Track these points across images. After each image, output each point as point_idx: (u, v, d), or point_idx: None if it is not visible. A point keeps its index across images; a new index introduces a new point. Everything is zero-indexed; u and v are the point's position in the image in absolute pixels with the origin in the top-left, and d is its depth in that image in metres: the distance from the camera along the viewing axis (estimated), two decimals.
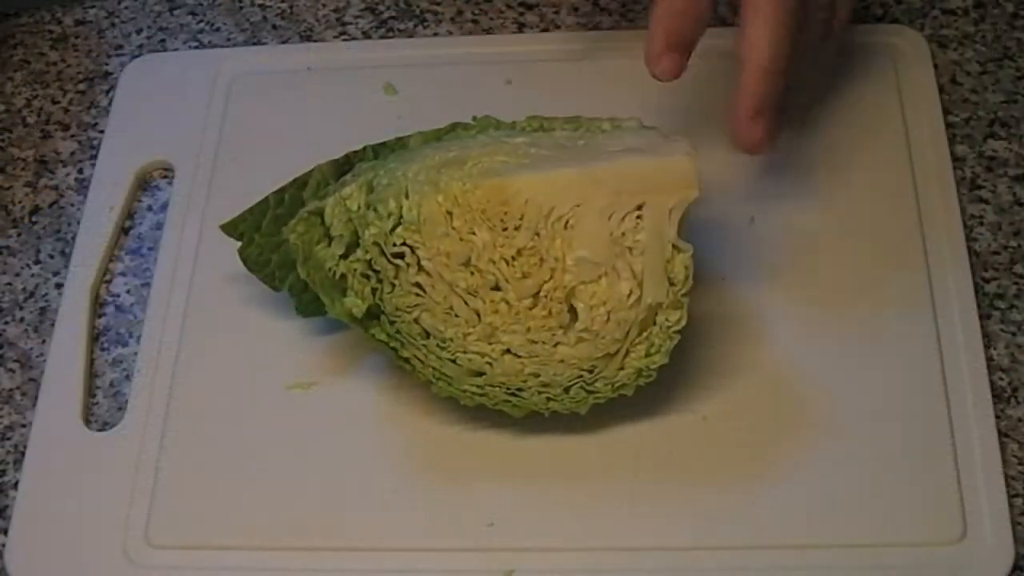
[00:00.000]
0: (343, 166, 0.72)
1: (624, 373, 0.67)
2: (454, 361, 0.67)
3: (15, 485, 0.72)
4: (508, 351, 0.67)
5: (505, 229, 0.67)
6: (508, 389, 0.67)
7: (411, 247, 0.67)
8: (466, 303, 0.67)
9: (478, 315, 0.67)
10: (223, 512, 0.70)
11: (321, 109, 0.83)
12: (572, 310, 0.67)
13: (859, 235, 0.76)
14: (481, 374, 0.67)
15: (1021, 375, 0.72)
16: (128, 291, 0.79)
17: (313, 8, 0.90)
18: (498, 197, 0.67)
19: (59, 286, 0.79)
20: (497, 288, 0.67)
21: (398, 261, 0.67)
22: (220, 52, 0.88)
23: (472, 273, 0.67)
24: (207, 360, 0.75)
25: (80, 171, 0.84)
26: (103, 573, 0.69)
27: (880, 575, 0.66)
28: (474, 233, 0.67)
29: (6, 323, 0.78)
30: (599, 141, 0.68)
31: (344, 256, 0.68)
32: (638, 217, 0.66)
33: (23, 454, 0.73)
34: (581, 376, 0.67)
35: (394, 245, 0.67)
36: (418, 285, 0.67)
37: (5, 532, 0.71)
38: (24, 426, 0.74)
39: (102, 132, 0.85)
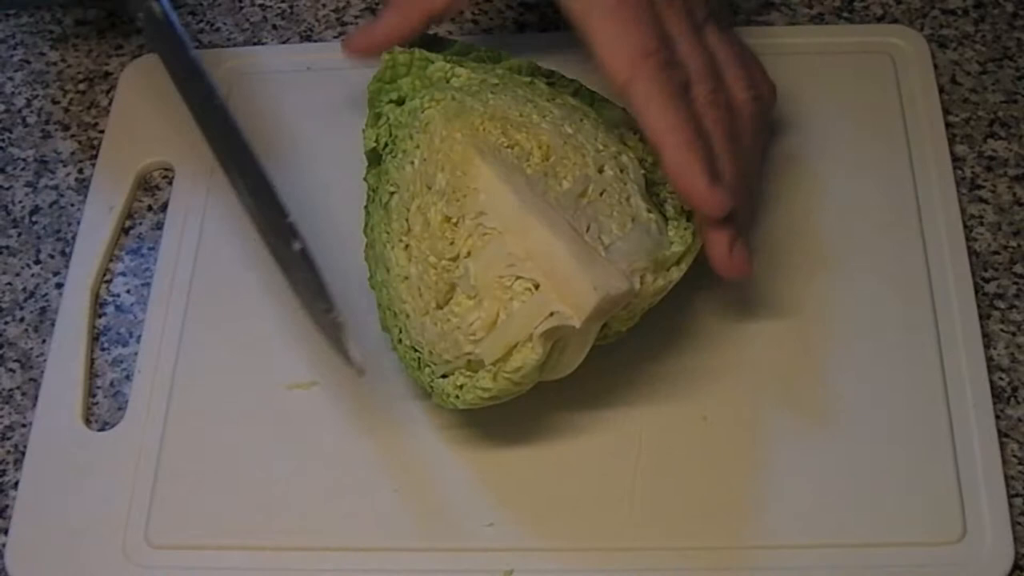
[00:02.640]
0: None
1: (441, 382, 0.67)
2: (384, 245, 0.69)
3: (15, 485, 0.72)
4: (406, 278, 0.68)
5: (454, 192, 0.67)
6: (392, 308, 0.69)
7: (416, 140, 0.70)
8: (414, 213, 0.68)
9: (409, 229, 0.68)
10: (223, 512, 0.70)
11: (321, 109, 0.83)
12: (448, 299, 0.67)
13: (859, 235, 0.76)
14: (388, 271, 0.69)
15: (1021, 375, 0.72)
16: (128, 291, 0.79)
17: (313, 8, 0.90)
18: (464, 165, 0.68)
19: (59, 286, 0.79)
20: (428, 224, 0.68)
21: (407, 142, 0.71)
22: (220, 52, 0.88)
23: (425, 197, 0.68)
24: (207, 360, 0.75)
25: (80, 171, 0.84)
26: (103, 573, 0.69)
27: (880, 575, 0.66)
28: (440, 172, 0.68)
29: (6, 323, 0.79)
30: (612, 194, 0.67)
31: (398, 102, 0.73)
32: (527, 289, 0.65)
33: (23, 454, 0.73)
34: (420, 355, 0.68)
35: (410, 126, 0.71)
36: (404, 169, 0.70)
37: (5, 532, 0.71)
38: (24, 426, 0.74)
39: (102, 132, 0.85)
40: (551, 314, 0.64)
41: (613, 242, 0.65)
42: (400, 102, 0.73)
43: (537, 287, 0.64)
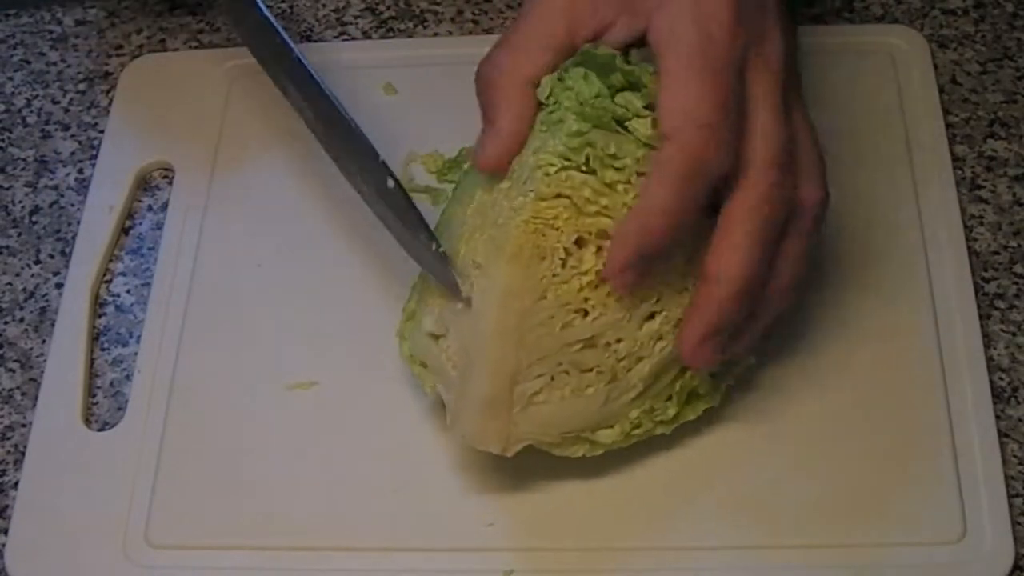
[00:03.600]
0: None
1: (410, 318, 0.70)
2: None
3: (15, 485, 0.72)
4: (469, 210, 0.67)
5: (488, 244, 0.65)
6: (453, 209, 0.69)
7: (538, 149, 0.64)
8: (500, 199, 0.65)
9: (490, 190, 0.66)
10: (223, 512, 0.70)
11: None
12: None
13: (859, 235, 0.76)
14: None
15: (1021, 375, 0.72)
16: (128, 291, 0.79)
17: (313, 8, 0.90)
18: (499, 248, 0.64)
19: (59, 286, 0.79)
20: (484, 224, 0.66)
21: (543, 139, 0.64)
22: (220, 52, 0.88)
23: (493, 210, 0.66)
24: (207, 360, 0.75)
25: (80, 171, 0.84)
26: (103, 573, 0.69)
27: (880, 575, 0.66)
28: (501, 216, 0.65)
29: (6, 323, 0.79)
30: (618, 353, 0.64)
31: (576, 97, 0.63)
32: (453, 367, 0.66)
33: (23, 454, 0.73)
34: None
35: (546, 138, 0.64)
36: (530, 153, 0.64)
37: (5, 532, 0.71)
38: (24, 426, 0.74)
39: (102, 132, 0.85)
40: (446, 404, 0.66)
41: (541, 403, 0.64)
42: (574, 97, 0.63)
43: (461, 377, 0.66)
